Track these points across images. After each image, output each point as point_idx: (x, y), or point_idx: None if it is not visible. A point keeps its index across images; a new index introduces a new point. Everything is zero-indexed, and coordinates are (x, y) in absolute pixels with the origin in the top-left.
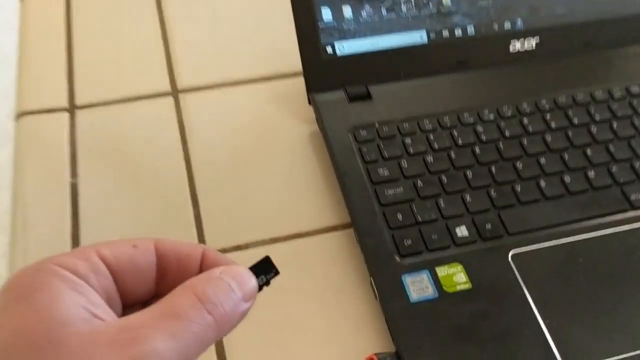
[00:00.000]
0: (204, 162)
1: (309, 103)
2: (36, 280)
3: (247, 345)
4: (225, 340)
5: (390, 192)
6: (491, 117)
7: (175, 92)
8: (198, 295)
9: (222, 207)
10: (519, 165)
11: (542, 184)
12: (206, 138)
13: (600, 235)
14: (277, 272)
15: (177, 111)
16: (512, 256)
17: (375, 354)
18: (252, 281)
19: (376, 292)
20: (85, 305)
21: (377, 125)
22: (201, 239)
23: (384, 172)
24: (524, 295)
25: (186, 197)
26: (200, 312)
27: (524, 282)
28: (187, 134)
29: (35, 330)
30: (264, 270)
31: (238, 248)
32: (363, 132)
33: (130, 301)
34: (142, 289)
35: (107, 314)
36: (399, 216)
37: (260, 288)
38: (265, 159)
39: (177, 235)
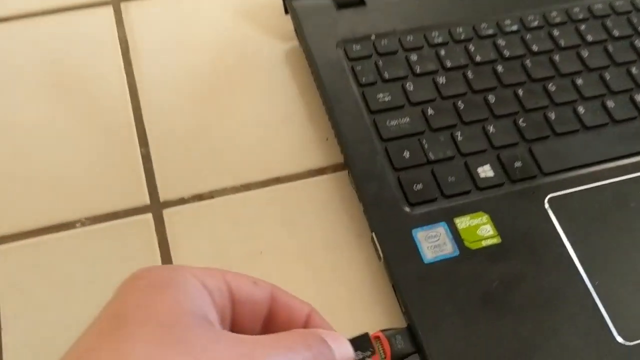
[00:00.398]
0: (153, 89)
1: (286, 12)
2: (171, 277)
3: None
4: None
5: (394, 123)
6: (514, 28)
7: None
8: (306, 341)
9: (177, 146)
10: (551, 87)
11: (581, 110)
12: (155, 59)
13: None
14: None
15: (118, 25)
16: (549, 201)
17: (382, 331)
18: (350, 351)
19: (380, 251)
20: (207, 312)
21: (373, 37)
22: (151, 185)
23: (384, 97)
24: (566, 249)
25: (131, 134)
26: (307, 353)
27: (565, 233)
28: (131, 53)
29: (166, 311)
30: (361, 346)
31: (199, 198)
32: (356, 47)
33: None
34: (250, 325)
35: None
36: (406, 154)
37: None
38: (231, 86)
39: (122, 185)
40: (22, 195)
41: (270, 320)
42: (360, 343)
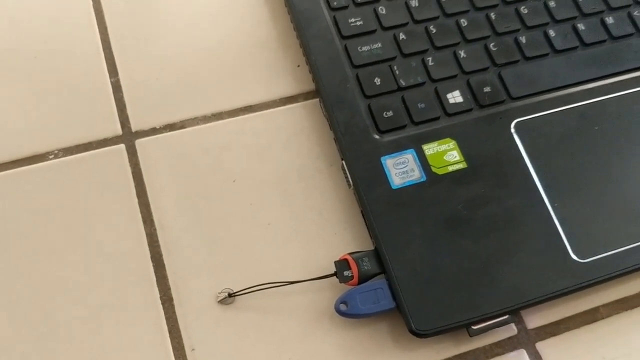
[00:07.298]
0: (120, 16)
1: None
2: None
3: (190, 245)
4: (163, 245)
5: (365, 48)
6: None
7: None
8: None
9: (147, 73)
10: (524, 9)
11: (552, 33)
12: None
13: (621, 96)
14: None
15: None
16: (516, 126)
17: (350, 254)
18: None
19: (349, 178)
20: None
21: None
22: (123, 115)
23: (356, 22)
24: (530, 174)
25: (100, 61)
26: None
27: (529, 157)
28: None
29: None
30: (342, 269)
31: (171, 127)
32: None
33: None
34: None
35: None
36: (377, 80)
37: None
38: (199, 11)
39: (93, 115)
40: None
41: None
42: (341, 266)
